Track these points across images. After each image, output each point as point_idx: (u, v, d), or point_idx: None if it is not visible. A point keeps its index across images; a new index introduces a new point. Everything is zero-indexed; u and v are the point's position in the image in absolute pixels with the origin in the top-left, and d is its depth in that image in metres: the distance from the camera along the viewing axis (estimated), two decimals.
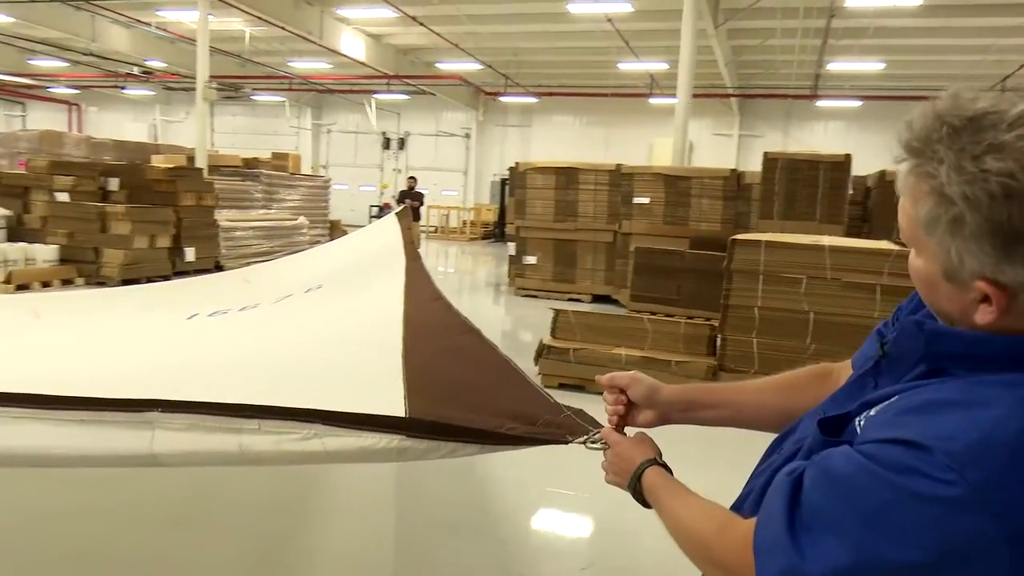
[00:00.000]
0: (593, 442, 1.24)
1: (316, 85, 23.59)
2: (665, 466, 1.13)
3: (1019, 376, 0.79)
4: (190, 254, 11.08)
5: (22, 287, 9.19)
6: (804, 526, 0.81)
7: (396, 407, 1.61)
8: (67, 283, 9.81)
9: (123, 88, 25.75)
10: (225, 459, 1.39)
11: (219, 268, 11.72)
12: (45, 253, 9.82)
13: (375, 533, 3.47)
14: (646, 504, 1.11)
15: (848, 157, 7.76)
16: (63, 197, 10.56)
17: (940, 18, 13.73)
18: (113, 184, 11.02)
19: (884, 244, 5.31)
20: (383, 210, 22.61)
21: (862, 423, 0.87)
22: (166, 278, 10.50)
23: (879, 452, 0.79)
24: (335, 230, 16.08)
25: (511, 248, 11.12)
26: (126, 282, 9.85)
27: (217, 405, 1.37)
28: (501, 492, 3.73)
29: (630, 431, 1.25)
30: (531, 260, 10.73)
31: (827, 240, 5.25)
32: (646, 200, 9.55)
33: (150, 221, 10.31)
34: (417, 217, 12.69)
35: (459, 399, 1.62)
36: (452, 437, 1.32)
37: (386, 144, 26.61)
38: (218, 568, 2.99)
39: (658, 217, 9.54)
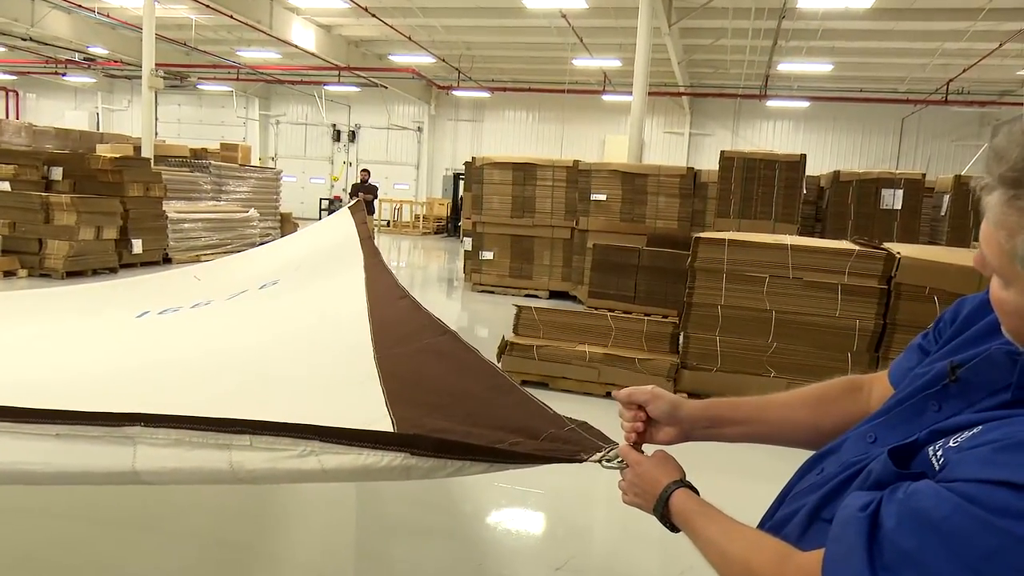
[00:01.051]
0: (609, 460, 1.20)
1: (265, 75, 23.07)
2: (692, 487, 1.08)
3: None
4: (137, 246, 10.75)
5: None
6: (887, 567, 0.77)
7: (379, 417, 1.54)
8: (9, 275, 9.43)
9: (63, 75, 24.77)
10: (215, 477, 1.29)
11: (167, 260, 11.40)
12: None
13: (340, 539, 3.39)
14: (674, 528, 1.07)
15: (803, 157, 7.95)
16: (4, 186, 10.11)
17: (888, 21, 14.16)
18: (56, 173, 10.62)
19: (845, 244, 5.46)
20: (333, 203, 22.30)
21: (939, 454, 0.81)
22: (113, 270, 10.20)
23: (981, 494, 0.72)
24: (286, 223, 15.79)
25: (467, 243, 11.08)
26: (71, 274, 9.53)
27: (204, 419, 1.29)
28: (469, 493, 3.70)
29: (649, 449, 1.19)
30: (488, 256, 10.72)
31: (789, 239, 5.37)
32: (603, 197, 9.63)
33: (96, 212, 9.96)
34: (371, 211, 12.53)
35: (448, 409, 1.54)
36: (460, 455, 1.25)
37: (336, 136, 26.22)
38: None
39: (615, 214, 9.63)
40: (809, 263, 5.06)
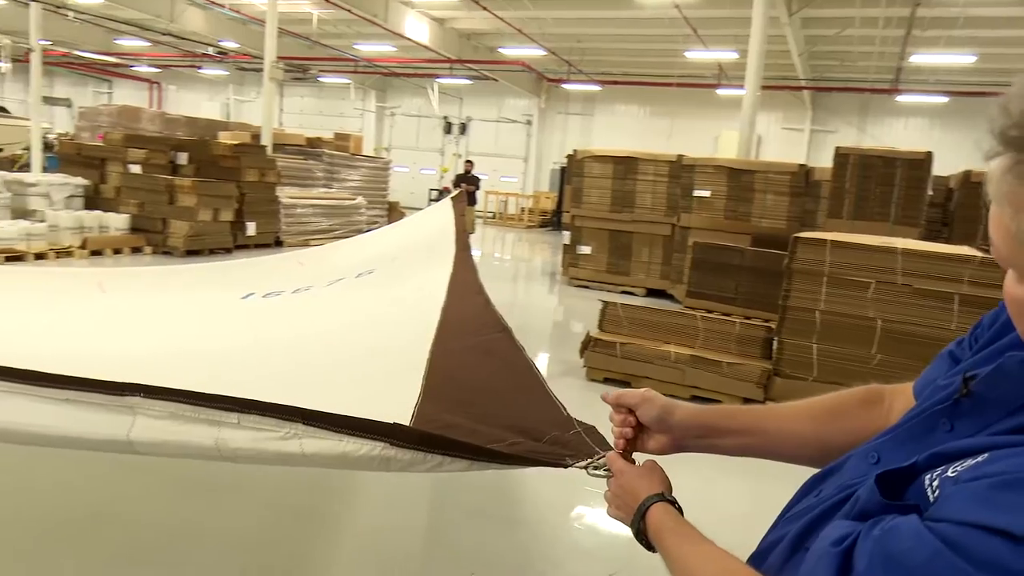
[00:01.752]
0: (596, 468, 1.11)
1: (381, 68, 23.75)
2: (674, 503, 0.98)
3: None
4: (251, 228, 11.30)
5: (95, 253, 9.55)
6: None
7: (403, 411, 1.57)
8: (136, 251, 10.12)
9: (199, 68, 26.46)
10: (199, 453, 1.30)
11: (279, 243, 11.93)
12: (117, 222, 10.14)
13: (403, 513, 3.44)
14: (651, 547, 0.96)
15: (928, 155, 7.34)
16: (136, 169, 10.89)
17: None
18: (182, 158, 11.31)
19: (965, 250, 4.99)
20: (442, 194, 22.67)
21: (935, 484, 0.66)
22: (228, 251, 10.78)
23: (968, 541, 0.58)
24: (393, 212, 16.19)
25: (565, 237, 10.99)
26: (190, 253, 10.13)
27: (199, 395, 1.30)
28: (538, 486, 3.64)
29: (641, 458, 1.10)
30: (585, 250, 10.58)
31: (900, 243, 4.95)
32: (707, 193, 9.28)
33: (214, 195, 10.54)
34: (473, 202, 12.66)
35: (471, 405, 1.56)
36: (439, 450, 1.22)
37: (447, 128, 26.69)
38: (240, 539, 3.00)
39: (719, 211, 9.27)
40: (922, 269, 4.64)
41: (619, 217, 10.26)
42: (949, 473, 0.66)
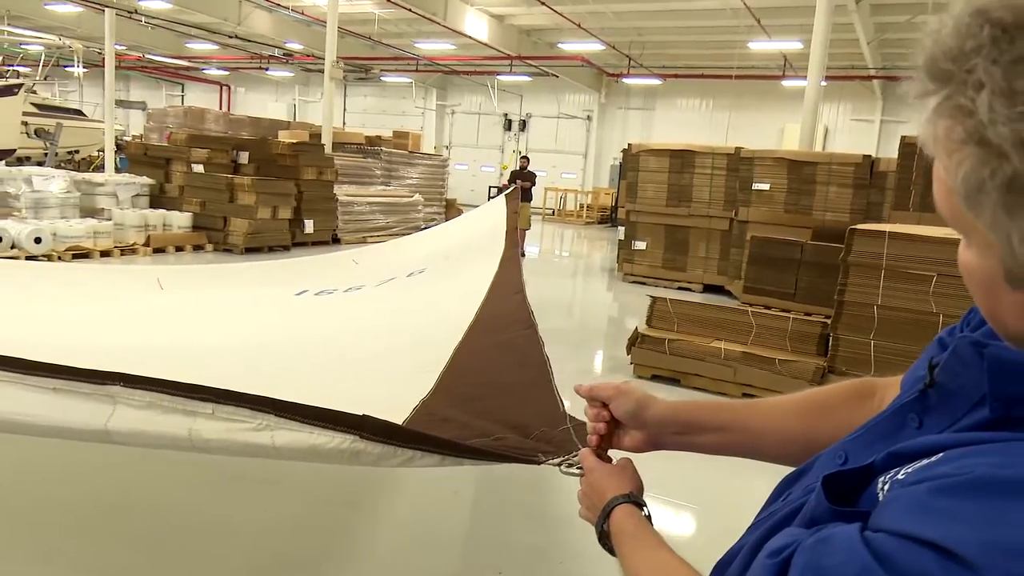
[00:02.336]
0: (570, 465, 1.06)
1: (441, 66, 23.93)
2: (642, 505, 0.91)
3: None
4: (309, 226, 11.50)
5: (158, 250, 9.88)
6: None
7: (410, 403, 1.60)
8: (198, 249, 10.43)
9: (266, 69, 27.19)
10: (172, 443, 1.30)
11: (336, 241, 12.12)
12: (180, 220, 10.47)
13: (436, 506, 3.40)
14: (613, 551, 0.89)
15: None
16: (198, 168, 11.22)
17: None
18: (243, 157, 11.60)
19: None
20: (501, 191, 22.66)
21: (886, 488, 0.57)
22: (286, 248, 11.00)
23: (897, 555, 0.50)
24: (450, 209, 16.28)
25: (621, 232, 10.82)
26: (249, 250, 10.37)
27: (176, 384, 1.29)
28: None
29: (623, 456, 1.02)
30: (640, 245, 10.39)
31: None
32: (766, 186, 8.98)
33: (273, 193, 10.76)
34: (528, 198, 12.57)
35: (477, 400, 1.59)
36: (410, 444, 1.19)
37: (507, 125, 26.72)
38: (275, 530, 3.01)
39: (779, 205, 8.96)
40: None
41: (675, 212, 10.04)
42: (899, 475, 0.57)
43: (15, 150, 13.96)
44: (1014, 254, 0.51)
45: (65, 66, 16.77)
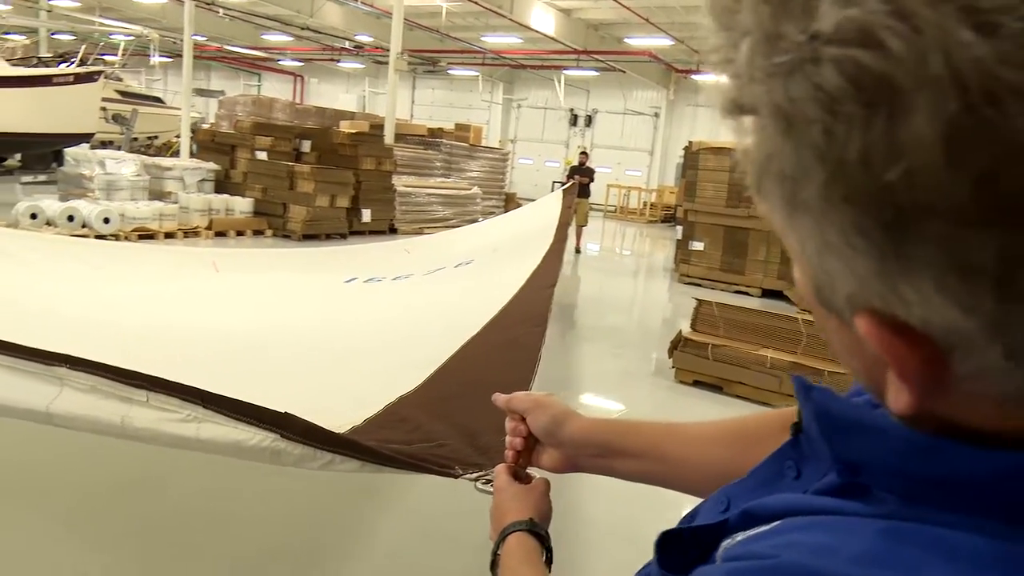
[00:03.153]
0: (487, 482, 0.97)
1: (508, 60, 23.93)
2: (541, 535, 0.82)
3: (996, 533, 0.34)
4: (366, 215, 11.65)
5: (220, 234, 10.17)
6: None
7: (385, 399, 1.60)
8: (257, 234, 10.68)
9: (338, 61, 27.75)
10: (105, 430, 1.27)
11: (393, 230, 12.25)
12: (242, 205, 10.74)
13: (462, 499, 3.37)
14: None
15: None
16: (262, 155, 11.49)
17: None
18: (305, 146, 11.83)
19: None
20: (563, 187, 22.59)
21: (719, 556, 0.48)
22: (343, 236, 11.16)
23: None
24: (510, 203, 16.26)
25: (678, 232, 10.59)
26: (306, 237, 10.57)
27: (115, 369, 1.27)
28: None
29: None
30: (698, 246, 10.14)
31: None
32: None
33: (331, 182, 10.93)
34: (586, 194, 12.42)
35: (450, 400, 1.59)
36: (328, 447, 1.15)
37: (573, 121, 26.53)
38: (286, 517, 3.01)
39: None
40: None
41: (735, 212, 9.74)
42: (735, 543, 0.46)
43: (94, 134, 14.60)
44: (810, 265, 0.38)
45: (150, 56, 17.45)
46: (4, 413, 1.29)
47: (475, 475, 1.03)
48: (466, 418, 1.33)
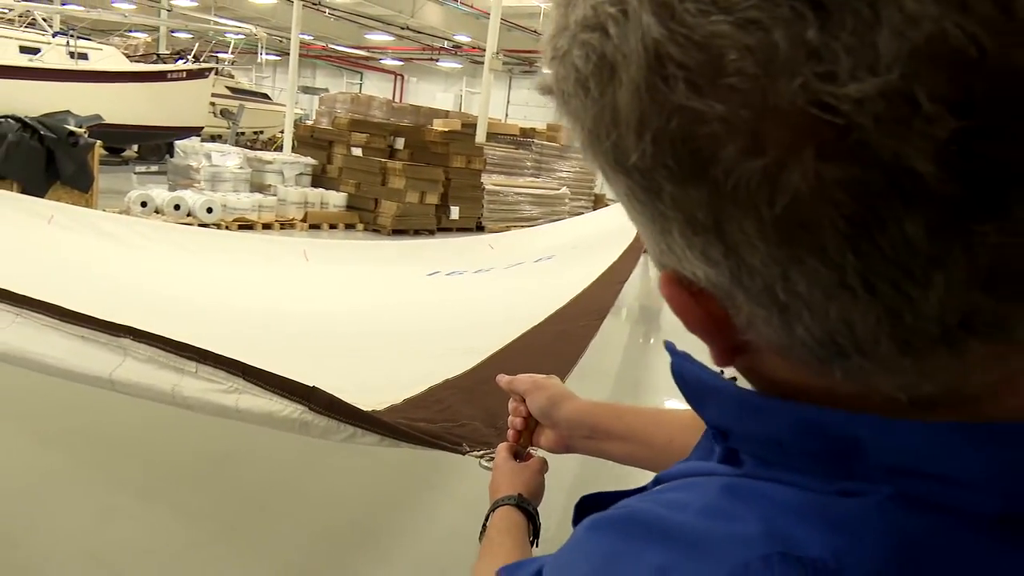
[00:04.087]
0: (491, 460, 1.00)
1: None
2: (529, 510, 0.84)
3: (810, 486, 0.35)
4: (455, 212, 11.84)
5: (314, 227, 10.57)
6: None
7: (432, 381, 1.66)
8: (349, 227, 11.04)
9: (436, 61, 28.32)
10: (158, 397, 1.37)
11: (480, 228, 12.40)
12: (336, 199, 11.12)
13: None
14: None
15: None
16: (357, 152, 11.86)
17: None
18: (399, 143, 12.13)
19: None
20: None
21: None
22: (431, 232, 11.39)
23: None
24: (598, 204, 16.17)
25: None
26: (396, 232, 10.84)
27: (172, 342, 1.35)
28: None
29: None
30: None
31: None
32: None
33: (421, 179, 11.17)
34: None
35: (484, 384, 1.60)
36: (351, 421, 1.21)
37: None
38: (350, 497, 3.12)
39: None
40: None
41: None
42: None
43: (203, 128, 15.45)
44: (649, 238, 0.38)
45: (257, 54, 18.37)
46: (73, 378, 1.41)
47: (480, 453, 1.07)
48: (493, 401, 1.37)
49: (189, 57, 16.05)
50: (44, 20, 14.82)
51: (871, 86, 0.26)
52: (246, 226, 9.53)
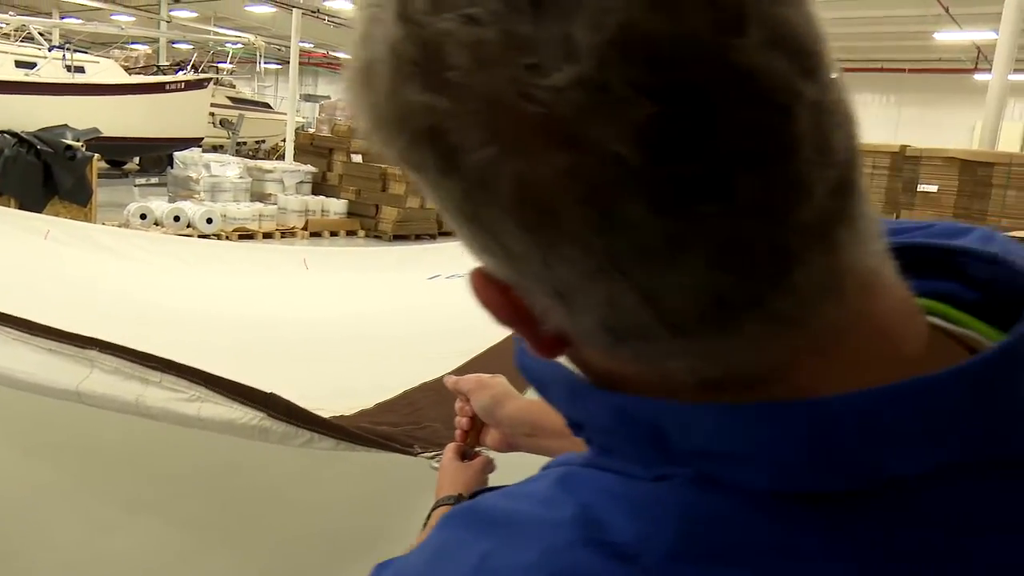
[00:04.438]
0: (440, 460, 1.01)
1: None
2: None
3: (629, 472, 0.36)
4: None
5: (315, 234, 10.62)
6: None
7: (410, 383, 1.66)
8: (350, 234, 11.07)
9: None
10: (122, 408, 1.39)
11: None
12: (337, 206, 11.17)
13: None
14: None
15: None
16: (357, 158, 11.89)
17: None
18: None
19: None
20: None
21: None
22: (432, 236, 11.38)
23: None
24: None
25: None
26: (397, 237, 10.86)
27: (139, 353, 1.37)
28: None
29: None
30: None
31: None
32: (934, 188, 8.17)
33: None
34: None
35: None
36: (308, 426, 1.22)
37: None
38: (346, 504, 3.13)
39: (947, 208, 8.10)
40: None
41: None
42: None
43: (203, 138, 15.50)
44: None
45: (265, 63, 18.39)
46: (42, 392, 1.43)
47: (432, 454, 1.06)
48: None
49: (188, 68, 16.10)
50: (41, 34, 14.91)
51: (569, 75, 0.27)
52: (246, 236, 9.58)
